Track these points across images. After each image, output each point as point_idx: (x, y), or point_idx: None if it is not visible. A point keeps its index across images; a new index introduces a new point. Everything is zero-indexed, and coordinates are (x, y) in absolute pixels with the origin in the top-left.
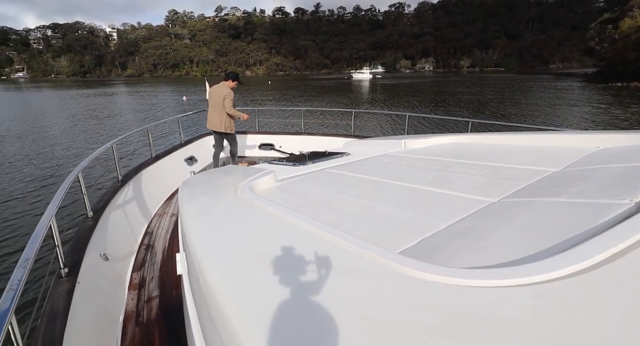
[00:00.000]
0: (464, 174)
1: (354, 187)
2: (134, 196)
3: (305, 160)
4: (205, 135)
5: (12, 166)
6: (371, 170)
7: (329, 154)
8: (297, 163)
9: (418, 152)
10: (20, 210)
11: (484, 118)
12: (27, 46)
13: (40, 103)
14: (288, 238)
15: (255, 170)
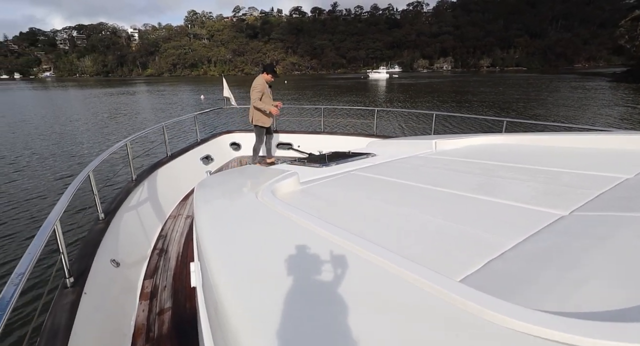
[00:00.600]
0: (513, 179)
1: (386, 192)
2: (148, 197)
3: (328, 161)
4: (222, 134)
5: (41, 163)
6: (403, 173)
7: (353, 155)
8: (320, 165)
9: (452, 154)
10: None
11: (518, 118)
12: (54, 47)
13: (67, 102)
14: (317, 253)
15: (275, 171)
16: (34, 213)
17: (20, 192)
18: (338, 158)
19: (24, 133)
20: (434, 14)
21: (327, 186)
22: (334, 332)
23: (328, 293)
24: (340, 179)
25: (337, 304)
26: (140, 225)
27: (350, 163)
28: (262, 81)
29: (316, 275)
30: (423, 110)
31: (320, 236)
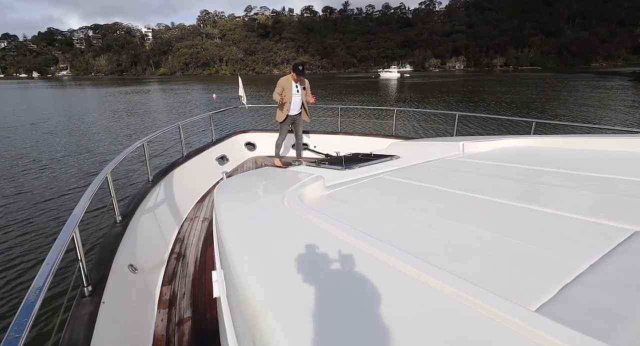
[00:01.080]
0: (563, 187)
1: (420, 199)
2: (165, 198)
3: (350, 164)
4: (237, 134)
5: (63, 162)
6: (433, 177)
7: (375, 157)
8: (342, 167)
9: (483, 157)
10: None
11: (547, 119)
12: (71, 46)
13: (85, 101)
14: (357, 267)
15: (297, 174)
16: (54, 214)
17: (43, 190)
18: (360, 161)
19: (46, 131)
20: (446, 13)
21: (355, 191)
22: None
23: (376, 315)
24: (367, 184)
25: (386, 330)
26: (158, 228)
27: (374, 166)
28: (285, 79)
29: (360, 294)
30: (444, 110)
31: (358, 248)
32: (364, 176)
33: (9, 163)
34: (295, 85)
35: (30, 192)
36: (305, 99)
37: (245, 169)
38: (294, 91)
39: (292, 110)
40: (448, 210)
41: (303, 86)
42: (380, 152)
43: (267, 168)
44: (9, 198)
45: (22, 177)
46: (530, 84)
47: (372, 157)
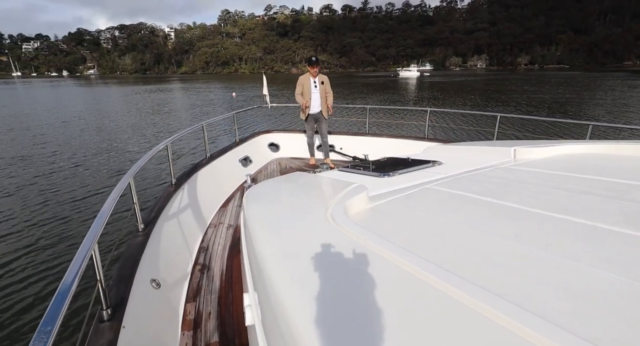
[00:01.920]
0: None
1: (480, 217)
2: (188, 202)
3: (387, 169)
4: (261, 134)
5: (93, 160)
6: (490, 189)
7: (414, 162)
8: (380, 173)
9: (542, 165)
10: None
11: (604, 121)
12: (98, 46)
13: (113, 99)
14: (415, 297)
15: (333, 181)
16: (84, 214)
17: (72, 190)
18: (397, 166)
19: (79, 129)
20: (468, 10)
21: (403, 204)
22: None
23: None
24: (414, 195)
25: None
26: (181, 236)
27: (416, 174)
28: (304, 76)
29: (423, 328)
30: (479, 110)
31: (415, 275)
32: (407, 186)
33: (45, 161)
34: (314, 80)
35: (61, 191)
36: (321, 96)
37: (269, 171)
38: (312, 87)
39: (312, 107)
40: (516, 232)
41: (321, 81)
42: (417, 157)
43: (298, 173)
44: (40, 196)
45: (54, 175)
46: (560, 83)
47: (410, 163)
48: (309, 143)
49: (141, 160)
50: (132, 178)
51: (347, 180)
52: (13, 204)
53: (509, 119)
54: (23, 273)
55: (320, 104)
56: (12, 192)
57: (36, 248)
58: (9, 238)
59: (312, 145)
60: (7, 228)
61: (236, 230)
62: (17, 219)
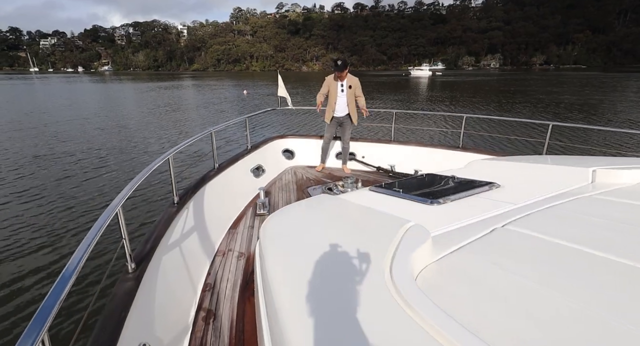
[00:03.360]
0: None
1: (591, 282)
2: (193, 225)
3: (435, 193)
4: (274, 139)
5: (109, 160)
6: (581, 231)
7: (466, 184)
8: (427, 200)
9: (636, 195)
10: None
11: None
12: (113, 42)
13: (129, 96)
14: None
15: (370, 211)
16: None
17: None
18: (445, 187)
19: (97, 127)
20: (483, 9)
21: (479, 257)
22: None
23: None
24: (488, 240)
25: None
26: (183, 270)
27: (474, 201)
28: (330, 77)
29: None
30: (536, 119)
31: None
32: (470, 222)
33: (60, 163)
34: (341, 84)
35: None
36: (349, 100)
37: (284, 183)
38: (339, 91)
39: (337, 111)
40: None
41: (349, 85)
42: (462, 173)
43: (324, 196)
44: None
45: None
46: (583, 84)
47: (460, 184)
48: (323, 148)
49: (133, 182)
50: (120, 209)
51: (387, 207)
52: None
53: (541, 126)
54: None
55: (348, 108)
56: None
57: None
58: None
59: (325, 150)
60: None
61: (248, 262)
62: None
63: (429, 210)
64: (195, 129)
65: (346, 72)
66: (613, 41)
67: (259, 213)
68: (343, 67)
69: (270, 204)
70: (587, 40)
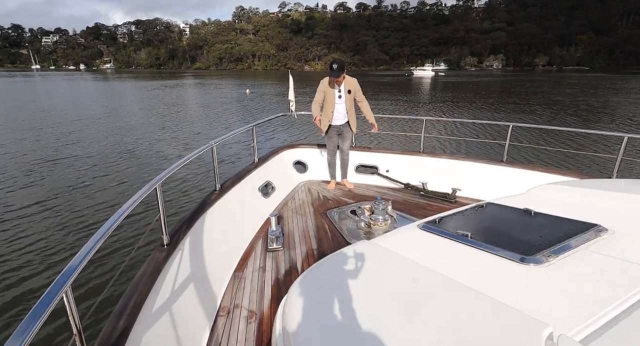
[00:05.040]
0: None
1: None
2: (189, 274)
3: (518, 241)
4: (284, 149)
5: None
6: None
7: (557, 226)
8: (518, 256)
9: None
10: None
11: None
12: (115, 40)
13: (134, 95)
14: None
15: (448, 284)
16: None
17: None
18: (531, 233)
19: (111, 127)
20: (485, 10)
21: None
22: None
23: None
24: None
25: None
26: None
27: (586, 259)
28: (325, 81)
29: None
30: (606, 131)
31: None
32: (612, 309)
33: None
34: (338, 89)
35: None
36: (348, 106)
37: (297, 203)
38: (336, 97)
39: (335, 119)
40: None
41: (348, 89)
42: (532, 203)
43: (370, 248)
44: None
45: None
46: (595, 86)
47: (542, 221)
48: (330, 163)
49: (111, 220)
50: (70, 287)
51: (459, 265)
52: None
53: (545, 131)
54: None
55: (347, 116)
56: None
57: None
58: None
59: (333, 165)
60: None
61: (262, 325)
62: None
63: (526, 276)
64: (201, 135)
65: (343, 75)
66: (616, 43)
67: (270, 248)
68: (339, 71)
69: (284, 234)
70: (590, 42)
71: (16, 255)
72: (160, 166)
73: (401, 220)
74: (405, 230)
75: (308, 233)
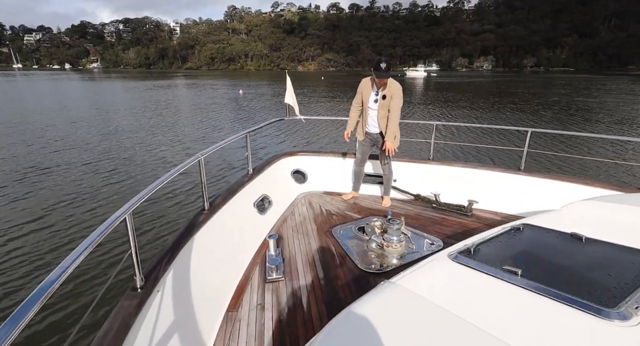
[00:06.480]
0: None
1: None
2: (172, 322)
3: (580, 282)
4: (280, 157)
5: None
6: None
7: (620, 257)
8: (588, 304)
9: None
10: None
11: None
12: (102, 39)
13: (127, 96)
14: None
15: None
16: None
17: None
18: (592, 269)
19: (104, 132)
20: (475, 12)
21: None
22: None
23: None
24: None
25: None
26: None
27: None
28: (364, 82)
29: None
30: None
31: None
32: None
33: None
34: (375, 92)
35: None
36: (380, 115)
37: (297, 220)
38: (371, 100)
39: (368, 125)
40: None
41: (384, 94)
42: (576, 225)
43: (405, 295)
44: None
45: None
46: (585, 87)
47: (601, 250)
48: (355, 172)
49: (72, 256)
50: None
51: (509, 315)
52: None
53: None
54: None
55: (379, 125)
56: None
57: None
58: None
59: (357, 174)
60: None
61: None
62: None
63: (612, 339)
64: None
65: (389, 77)
66: (599, 45)
67: (269, 278)
68: (388, 71)
69: (285, 259)
70: (575, 44)
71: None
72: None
73: (416, 239)
74: (436, 264)
75: (312, 258)
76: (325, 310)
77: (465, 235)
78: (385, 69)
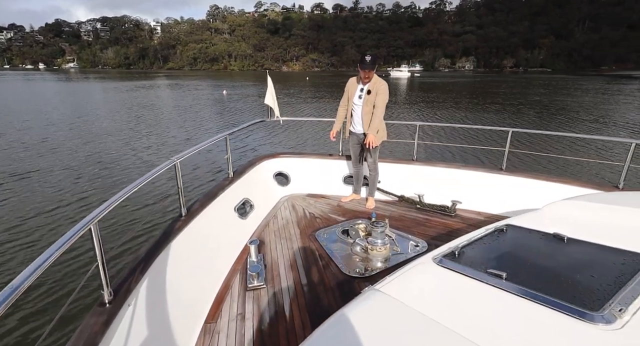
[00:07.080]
0: None
1: None
2: (145, 337)
3: (566, 284)
4: (262, 160)
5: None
6: None
7: (603, 256)
8: (571, 307)
9: None
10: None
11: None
12: (78, 38)
13: (108, 97)
14: None
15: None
16: None
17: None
18: (576, 271)
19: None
20: (457, 13)
21: None
22: None
23: None
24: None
25: None
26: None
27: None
28: (350, 80)
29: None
30: (614, 137)
31: None
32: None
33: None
34: (361, 88)
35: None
36: (364, 112)
37: (280, 223)
38: (356, 95)
39: (354, 123)
40: None
41: (368, 90)
42: (559, 225)
43: (390, 303)
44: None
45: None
46: (562, 86)
47: (583, 250)
48: (353, 174)
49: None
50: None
51: (496, 320)
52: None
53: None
54: None
55: (364, 121)
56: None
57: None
58: None
59: (356, 176)
60: None
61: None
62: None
63: (594, 343)
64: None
65: (372, 72)
66: (574, 47)
67: (250, 286)
68: (372, 64)
69: (267, 265)
70: (552, 45)
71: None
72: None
73: (401, 242)
74: (419, 269)
75: (295, 263)
76: (309, 318)
77: (450, 236)
78: (370, 62)
